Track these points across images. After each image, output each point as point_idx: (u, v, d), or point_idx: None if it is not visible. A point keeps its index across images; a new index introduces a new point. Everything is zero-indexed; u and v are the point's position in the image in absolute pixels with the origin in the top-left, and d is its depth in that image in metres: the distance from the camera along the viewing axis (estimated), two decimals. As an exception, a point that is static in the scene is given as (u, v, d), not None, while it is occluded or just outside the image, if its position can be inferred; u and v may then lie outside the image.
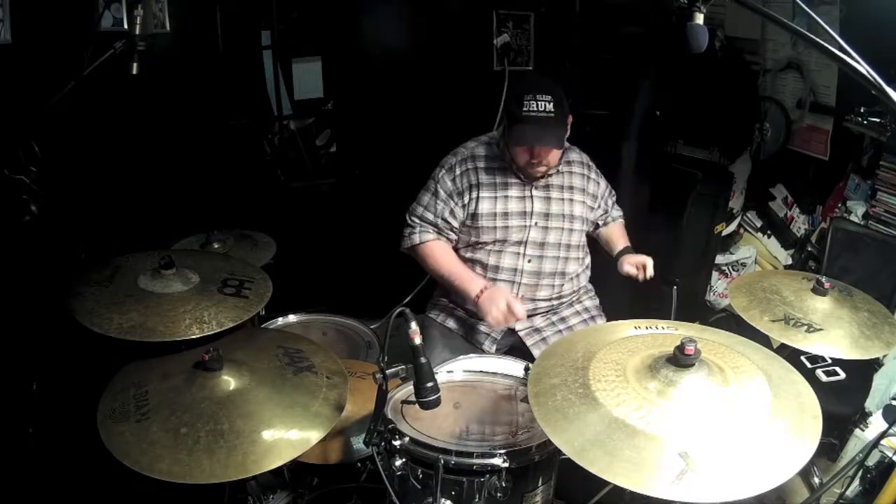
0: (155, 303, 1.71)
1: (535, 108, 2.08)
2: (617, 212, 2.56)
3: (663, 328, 1.61)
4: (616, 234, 2.48)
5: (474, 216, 2.27)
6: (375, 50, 3.49)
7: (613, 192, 2.54)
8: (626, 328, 1.61)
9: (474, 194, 2.26)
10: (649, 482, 1.17)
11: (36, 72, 2.36)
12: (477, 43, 3.67)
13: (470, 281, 2.22)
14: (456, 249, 2.36)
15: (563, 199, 2.31)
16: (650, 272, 2.27)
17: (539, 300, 2.32)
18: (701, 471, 1.18)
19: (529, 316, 2.32)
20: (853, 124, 2.66)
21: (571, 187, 2.34)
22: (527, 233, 2.27)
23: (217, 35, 3.26)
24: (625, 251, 2.38)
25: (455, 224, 2.30)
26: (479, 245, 2.30)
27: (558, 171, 2.32)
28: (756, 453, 1.22)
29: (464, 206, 2.27)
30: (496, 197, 2.26)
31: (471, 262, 2.33)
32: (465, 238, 2.33)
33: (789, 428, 1.28)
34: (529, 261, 2.28)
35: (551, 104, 2.09)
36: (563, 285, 2.34)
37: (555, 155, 2.19)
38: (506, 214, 2.26)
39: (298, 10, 3.49)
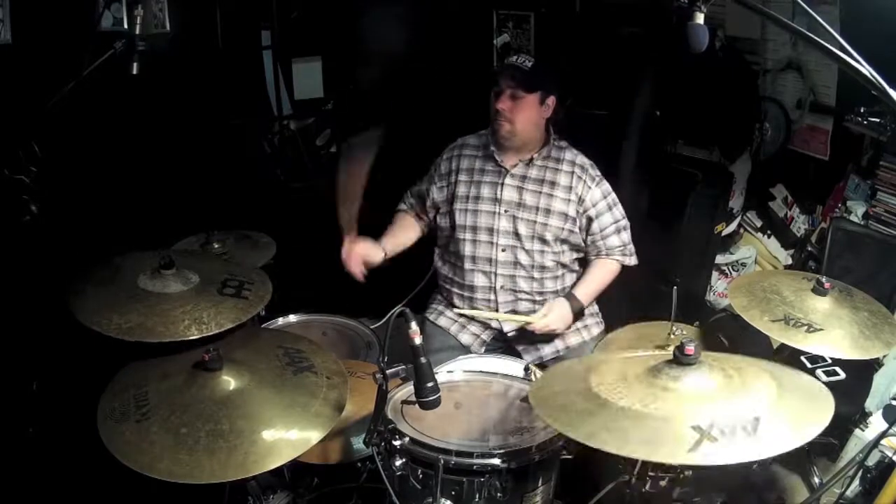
0: (154, 303, 1.71)
1: (514, 61, 2.23)
2: (616, 241, 2.32)
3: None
4: (589, 273, 2.36)
5: (452, 199, 2.35)
6: (375, 50, 3.49)
7: (625, 226, 2.34)
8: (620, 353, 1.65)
9: (453, 178, 2.36)
10: (666, 452, 1.18)
11: (36, 72, 2.36)
12: (477, 43, 3.67)
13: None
14: (439, 241, 2.46)
15: (539, 193, 2.29)
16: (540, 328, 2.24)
17: (520, 292, 2.33)
18: (718, 438, 1.18)
19: (513, 311, 2.34)
20: (853, 124, 2.65)
21: (553, 183, 2.29)
22: (496, 220, 2.30)
23: (217, 35, 3.26)
24: (571, 297, 2.29)
25: (427, 202, 2.43)
26: (455, 233, 2.35)
27: (536, 164, 2.30)
28: (770, 420, 1.24)
29: (443, 188, 2.39)
30: (471, 181, 2.34)
31: (450, 253, 2.40)
32: (444, 225, 2.40)
33: (802, 400, 1.32)
34: (503, 250, 2.30)
35: (530, 63, 2.21)
36: (542, 279, 2.33)
37: (522, 114, 2.20)
38: (477, 199, 2.32)
39: (298, 9, 3.49)
